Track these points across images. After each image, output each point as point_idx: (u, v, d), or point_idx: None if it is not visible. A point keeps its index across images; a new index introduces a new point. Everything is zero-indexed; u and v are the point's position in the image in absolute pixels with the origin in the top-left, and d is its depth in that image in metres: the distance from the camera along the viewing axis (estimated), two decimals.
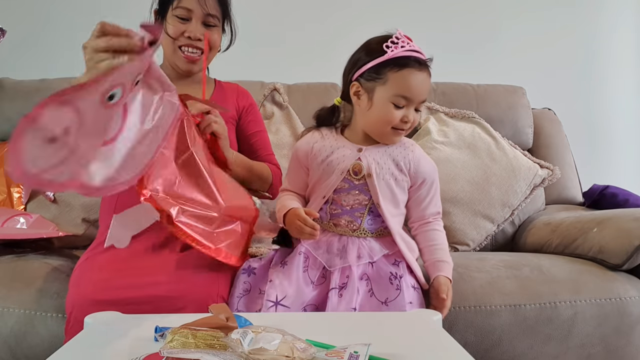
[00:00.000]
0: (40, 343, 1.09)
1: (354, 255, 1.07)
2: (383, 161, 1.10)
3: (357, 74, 1.08)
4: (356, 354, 0.63)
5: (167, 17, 1.24)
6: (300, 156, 1.16)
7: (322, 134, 1.16)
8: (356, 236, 1.10)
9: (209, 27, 1.24)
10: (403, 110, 1.05)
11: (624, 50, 2.27)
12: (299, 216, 1.04)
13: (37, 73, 1.89)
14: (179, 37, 1.23)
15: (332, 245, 1.09)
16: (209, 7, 1.22)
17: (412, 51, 1.05)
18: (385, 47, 1.04)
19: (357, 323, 0.86)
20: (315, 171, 1.13)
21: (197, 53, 1.25)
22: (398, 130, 1.08)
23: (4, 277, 1.17)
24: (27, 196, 1.61)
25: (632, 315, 1.20)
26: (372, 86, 1.06)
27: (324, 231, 1.12)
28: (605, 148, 2.27)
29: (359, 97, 1.09)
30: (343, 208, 1.11)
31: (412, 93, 1.04)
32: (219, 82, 1.41)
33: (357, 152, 1.10)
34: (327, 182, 1.10)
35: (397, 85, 1.03)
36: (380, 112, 1.06)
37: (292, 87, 1.85)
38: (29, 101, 1.79)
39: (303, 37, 2.13)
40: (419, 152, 1.15)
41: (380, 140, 1.11)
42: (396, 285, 1.03)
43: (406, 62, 1.03)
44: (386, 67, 1.04)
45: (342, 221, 1.11)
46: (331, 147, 1.12)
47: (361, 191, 1.09)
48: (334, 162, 1.10)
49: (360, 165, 1.09)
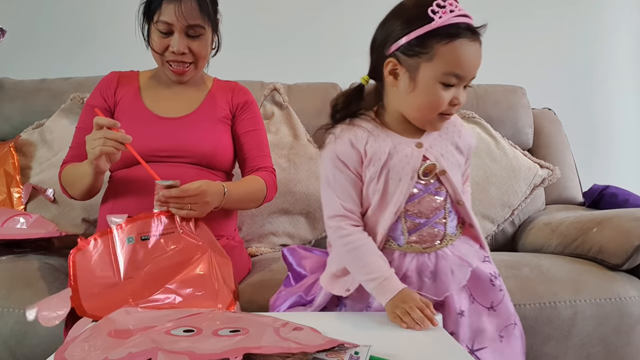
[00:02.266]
0: (40, 343, 1.09)
1: (449, 275, 0.91)
2: (446, 151, 0.94)
3: (394, 47, 0.87)
4: (357, 355, 0.63)
5: (151, 31, 1.23)
6: (349, 163, 0.91)
7: (365, 129, 0.92)
8: (442, 247, 0.93)
9: (193, 37, 1.22)
10: (452, 90, 0.86)
11: (624, 51, 2.27)
12: (417, 303, 0.82)
13: (37, 73, 1.89)
14: (165, 53, 1.23)
15: (424, 270, 0.91)
16: (189, 19, 1.18)
17: (462, 16, 0.84)
18: (431, 13, 0.83)
19: (358, 323, 0.86)
20: (374, 182, 0.91)
21: (185, 65, 1.24)
22: (445, 116, 0.90)
23: (4, 277, 1.17)
24: (27, 196, 1.61)
25: (632, 315, 1.20)
26: (415, 63, 0.85)
27: (403, 254, 0.92)
28: (605, 148, 2.27)
29: (397, 77, 0.88)
30: (420, 219, 0.92)
31: (465, 69, 0.85)
32: (218, 80, 1.40)
33: (418, 148, 0.92)
34: (395, 194, 0.90)
35: (447, 60, 0.84)
36: (427, 95, 0.86)
37: (292, 87, 1.85)
38: (29, 101, 1.79)
39: (303, 37, 2.13)
40: (463, 123, 1.00)
41: (422, 127, 0.93)
42: (499, 287, 0.94)
43: (457, 31, 0.83)
44: (433, 39, 0.83)
45: (423, 235, 0.92)
46: (387, 147, 0.91)
47: (436, 193, 0.93)
48: (398, 166, 0.90)
49: (434, 165, 0.91)
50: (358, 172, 0.92)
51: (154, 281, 0.96)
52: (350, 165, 0.91)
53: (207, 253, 1.01)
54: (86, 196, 1.23)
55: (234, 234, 1.34)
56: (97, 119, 1.06)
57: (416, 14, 0.85)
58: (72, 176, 1.21)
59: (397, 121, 0.93)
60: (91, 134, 1.07)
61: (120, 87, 1.30)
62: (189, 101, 1.31)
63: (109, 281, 0.97)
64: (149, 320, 0.76)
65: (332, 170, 0.92)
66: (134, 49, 1.30)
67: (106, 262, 0.99)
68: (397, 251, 0.92)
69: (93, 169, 1.09)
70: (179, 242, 1.03)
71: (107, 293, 0.94)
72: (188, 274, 0.98)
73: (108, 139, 1.04)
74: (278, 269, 1.29)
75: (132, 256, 0.99)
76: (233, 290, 1.00)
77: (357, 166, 0.92)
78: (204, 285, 0.97)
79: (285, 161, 1.65)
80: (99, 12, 2.09)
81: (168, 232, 1.04)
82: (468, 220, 0.97)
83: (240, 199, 1.23)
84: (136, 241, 1.01)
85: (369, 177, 0.91)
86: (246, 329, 0.68)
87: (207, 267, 0.99)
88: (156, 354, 0.59)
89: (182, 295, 0.94)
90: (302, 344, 0.63)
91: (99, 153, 1.04)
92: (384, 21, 0.91)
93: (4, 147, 1.67)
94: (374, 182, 0.91)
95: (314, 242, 1.66)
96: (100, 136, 1.04)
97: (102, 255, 0.99)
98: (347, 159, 0.91)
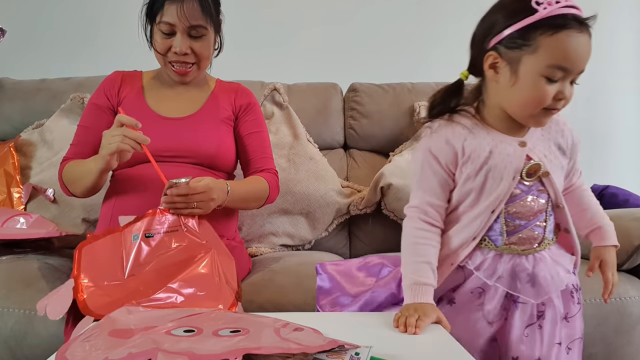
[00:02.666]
0: (40, 343, 1.09)
1: (548, 279, 0.90)
2: (549, 151, 0.91)
3: (495, 41, 0.85)
4: (357, 355, 0.63)
5: (154, 32, 1.24)
6: (442, 159, 0.90)
7: (464, 126, 0.90)
8: (539, 250, 0.91)
9: (195, 38, 1.22)
10: (557, 84, 0.83)
11: (625, 51, 2.26)
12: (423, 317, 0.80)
13: (37, 73, 1.89)
14: (167, 53, 1.23)
15: (519, 272, 0.89)
16: (191, 19, 1.18)
17: (569, 7, 0.81)
18: (535, 4, 0.80)
19: (358, 323, 0.86)
20: (471, 180, 0.89)
21: (187, 65, 1.24)
22: (550, 111, 0.85)
23: (4, 277, 1.17)
24: (27, 196, 1.61)
25: (632, 315, 1.20)
26: (517, 56, 0.83)
27: (499, 255, 0.90)
28: (605, 148, 2.27)
29: (497, 71, 0.87)
30: (521, 220, 0.90)
31: (571, 62, 0.81)
32: (220, 82, 1.40)
33: (521, 148, 0.89)
34: (494, 193, 0.88)
35: (551, 52, 0.81)
36: (529, 89, 0.84)
37: (292, 87, 1.85)
38: (29, 101, 1.79)
39: (303, 37, 2.13)
40: (566, 121, 0.96)
41: (525, 122, 0.90)
42: (577, 299, 0.93)
43: (564, 22, 0.80)
44: (536, 31, 0.81)
45: (522, 238, 0.90)
46: (488, 145, 0.89)
47: (538, 195, 0.90)
48: (500, 165, 0.88)
49: (538, 166, 0.88)
50: (450, 169, 0.91)
51: (157, 279, 0.96)
52: (442, 162, 0.90)
53: (210, 252, 1.01)
54: (88, 194, 1.22)
55: (234, 235, 1.34)
56: (120, 117, 1.07)
57: (519, 7, 0.82)
58: (76, 173, 1.20)
59: (499, 118, 0.91)
60: (110, 130, 1.08)
61: (123, 87, 1.30)
62: (191, 102, 1.31)
63: (114, 278, 0.97)
64: (151, 320, 0.76)
65: (422, 163, 0.92)
66: (135, 49, 1.30)
67: (113, 259, 0.98)
68: (493, 251, 0.90)
69: (102, 165, 1.09)
70: (183, 241, 1.03)
71: (111, 290, 0.94)
72: (191, 273, 0.98)
73: (127, 137, 1.04)
74: (278, 269, 1.29)
75: (136, 254, 0.99)
76: (236, 291, 1.00)
77: (450, 163, 0.90)
78: (206, 284, 0.97)
79: (285, 161, 1.65)
80: (99, 13, 2.09)
81: (172, 230, 1.04)
82: (564, 225, 0.94)
83: (243, 198, 1.23)
84: (141, 238, 1.01)
85: (466, 174, 0.89)
86: (246, 329, 0.68)
87: (210, 267, 0.99)
88: (156, 355, 0.59)
89: (184, 295, 0.94)
90: (303, 344, 0.63)
91: (115, 149, 1.04)
92: (484, 16, 0.89)
93: (4, 147, 1.67)
94: (471, 180, 0.89)
95: (314, 242, 1.66)
96: (120, 133, 1.05)
97: (109, 252, 0.99)
98: (440, 155, 0.90)
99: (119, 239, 1.01)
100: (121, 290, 0.94)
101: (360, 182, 1.74)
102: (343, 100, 1.87)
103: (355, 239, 1.71)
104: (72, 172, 1.22)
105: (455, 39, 2.17)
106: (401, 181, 1.58)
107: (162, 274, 0.97)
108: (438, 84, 1.87)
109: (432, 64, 2.13)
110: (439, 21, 2.17)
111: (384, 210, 1.64)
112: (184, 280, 0.96)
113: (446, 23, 2.17)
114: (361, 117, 1.81)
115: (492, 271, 0.89)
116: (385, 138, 1.81)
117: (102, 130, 1.11)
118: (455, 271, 0.92)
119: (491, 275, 0.89)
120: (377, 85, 1.86)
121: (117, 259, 0.98)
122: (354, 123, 1.82)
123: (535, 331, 0.90)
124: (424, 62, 2.15)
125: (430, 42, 2.16)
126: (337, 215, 1.66)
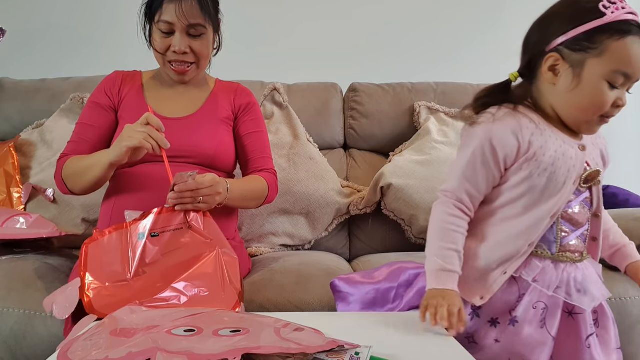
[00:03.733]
0: (40, 343, 1.09)
1: (597, 286, 0.88)
2: (598, 159, 0.90)
3: (557, 42, 0.83)
4: (357, 355, 0.63)
5: (153, 31, 1.24)
6: (501, 152, 0.85)
7: (531, 120, 0.86)
8: (584, 259, 0.89)
9: (194, 37, 1.22)
10: (617, 91, 0.82)
11: None
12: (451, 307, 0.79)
13: (37, 73, 1.89)
14: (166, 53, 1.23)
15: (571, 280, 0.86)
16: (190, 18, 1.18)
17: (631, 14, 0.81)
18: (603, 8, 0.80)
19: (358, 323, 0.86)
20: (531, 179, 0.84)
21: (186, 65, 1.24)
22: (605, 119, 0.84)
23: (4, 277, 1.17)
24: (27, 196, 1.61)
25: (632, 315, 1.20)
26: (581, 58, 0.81)
27: (554, 264, 0.87)
28: None
29: (557, 73, 0.84)
30: (572, 227, 0.87)
31: (634, 69, 0.81)
32: (220, 81, 1.40)
33: (582, 152, 0.86)
34: (556, 197, 0.84)
35: (617, 57, 0.80)
36: (591, 94, 0.82)
37: (292, 87, 1.85)
38: (29, 101, 1.79)
39: (303, 37, 2.13)
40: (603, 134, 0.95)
41: (577, 128, 0.87)
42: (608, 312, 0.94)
43: (628, 28, 0.80)
44: (603, 34, 0.80)
45: (572, 246, 0.87)
46: (554, 145, 0.85)
47: (585, 203, 0.88)
48: (564, 168, 0.84)
49: (597, 172, 0.86)
50: (505, 164, 0.86)
51: (162, 278, 0.96)
52: (500, 156, 0.85)
53: (215, 251, 1.01)
54: (88, 190, 1.21)
55: (234, 235, 1.34)
56: (149, 115, 1.08)
57: (586, 9, 0.81)
58: (80, 166, 1.19)
59: (553, 120, 0.88)
60: (134, 125, 1.08)
61: (124, 86, 1.30)
62: (191, 102, 1.31)
63: (120, 278, 0.97)
64: (153, 320, 0.76)
65: (475, 150, 0.86)
66: (134, 49, 1.31)
67: (119, 257, 0.98)
68: (549, 260, 0.87)
69: (116, 156, 1.08)
70: (188, 239, 1.03)
71: (116, 290, 0.94)
72: (195, 272, 0.98)
73: (151, 136, 1.05)
74: (278, 269, 1.30)
75: (142, 253, 0.99)
76: (239, 291, 1.00)
77: (509, 157, 0.85)
78: (210, 284, 0.97)
79: (285, 161, 1.65)
80: (99, 13, 2.09)
81: (177, 229, 1.04)
82: (595, 234, 0.91)
83: (242, 197, 1.23)
84: (146, 238, 1.01)
85: (528, 172, 0.84)
86: (247, 329, 0.68)
87: (215, 266, 1.00)
88: (155, 354, 0.59)
89: (188, 296, 0.94)
90: (302, 344, 0.63)
91: (137, 144, 1.05)
92: (542, 18, 0.88)
93: (4, 147, 1.67)
94: (531, 180, 0.84)
95: (314, 242, 1.66)
96: (145, 130, 1.05)
97: (115, 249, 0.99)
98: (500, 148, 0.85)
99: (125, 235, 1.01)
100: (127, 291, 0.94)
101: (360, 182, 1.74)
102: (343, 100, 1.87)
103: (355, 239, 1.71)
104: (74, 167, 1.20)
105: (455, 39, 2.18)
106: (401, 181, 1.58)
107: (167, 272, 0.97)
108: (438, 84, 1.88)
109: (432, 64, 2.13)
110: (439, 21, 2.17)
111: (384, 210, 1.63)
112: (188, 280, 0.96)
113: (446, 23, 2.17)
114: (361, 117, 1.81)
115: (549, 281, 0.85)
116: (385, 138, 1.81)
117: (101, 128, 1.10)
118: (508, 285, 0.87)
119: (549, 286, 0.85)
120: (377, 85, 1.86)
121: (124, 258, 0.98)
122: (354, 123, 1.82)
123: (596, 340, 0.88)
124: (424, 62, 2.15)
125: (430, 42, 2.16)
126: (337, 215, 1.66)
